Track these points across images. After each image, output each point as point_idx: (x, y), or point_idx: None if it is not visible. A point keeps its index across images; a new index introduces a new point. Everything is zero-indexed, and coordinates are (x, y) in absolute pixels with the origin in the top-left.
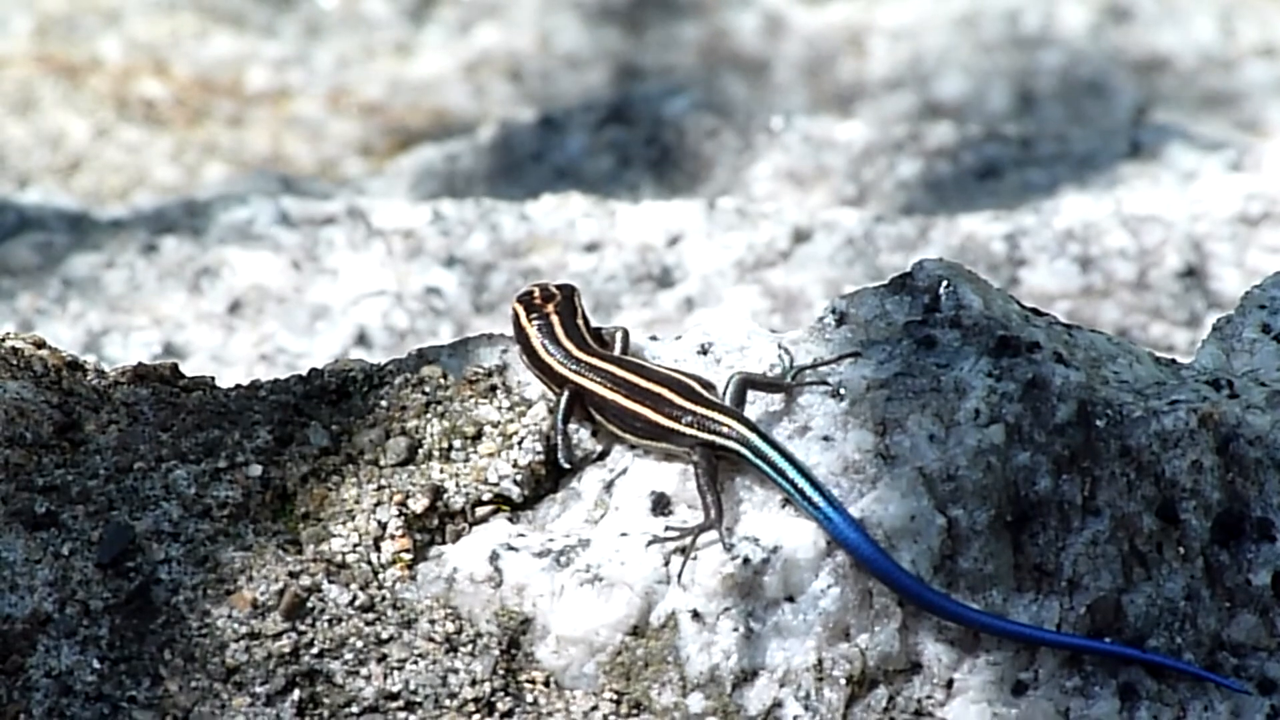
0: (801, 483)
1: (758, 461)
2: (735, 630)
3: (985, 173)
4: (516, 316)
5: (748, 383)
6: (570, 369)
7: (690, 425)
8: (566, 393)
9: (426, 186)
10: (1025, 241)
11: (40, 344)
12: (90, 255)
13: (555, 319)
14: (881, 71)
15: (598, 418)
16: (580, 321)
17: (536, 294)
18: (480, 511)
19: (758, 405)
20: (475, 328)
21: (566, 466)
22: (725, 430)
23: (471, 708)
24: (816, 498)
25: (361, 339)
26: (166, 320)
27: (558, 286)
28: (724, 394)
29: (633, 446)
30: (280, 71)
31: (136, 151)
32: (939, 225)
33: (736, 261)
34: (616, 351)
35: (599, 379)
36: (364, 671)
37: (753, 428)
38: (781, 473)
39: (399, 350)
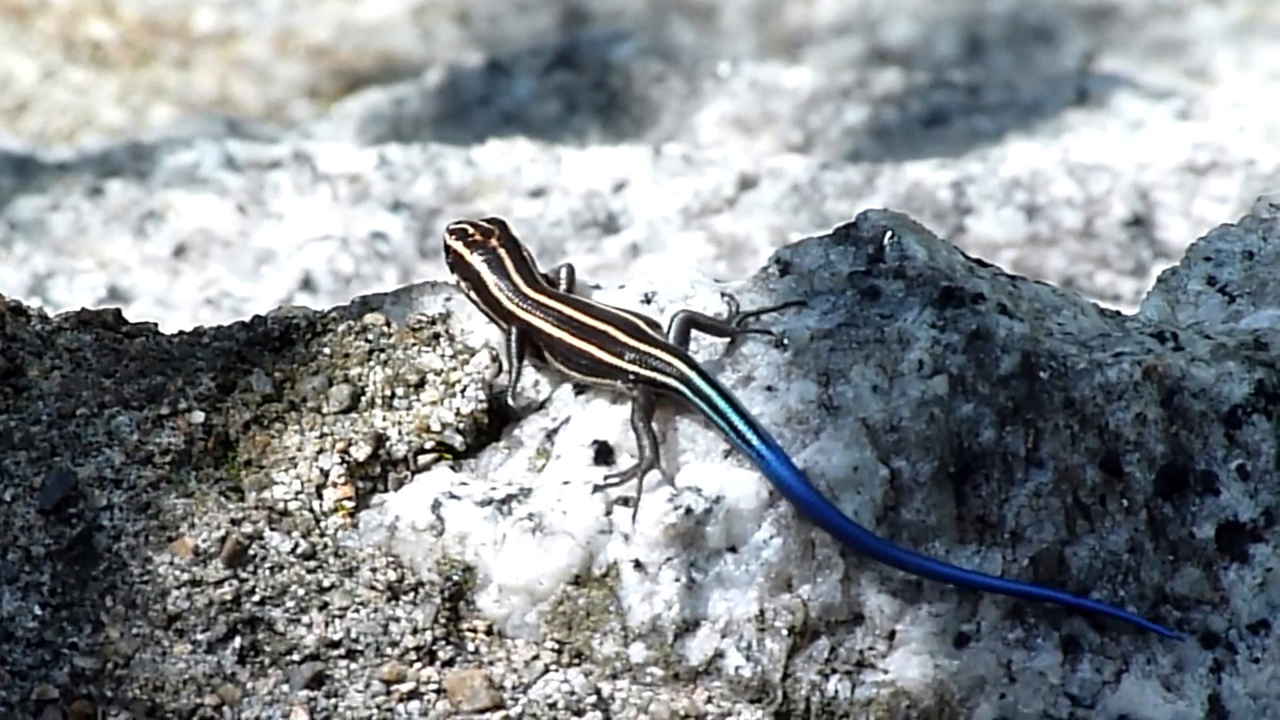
0: (739, 424)
1: (696, 400)
2: (677, 580)
3: (932, 120)
4: (458, 252)
5: (691, 322)
6: (520, 306)
7: (631, 362)
8: (515, 330)
9: (373, 130)
10: (972, 189)
11: None
12: (36, 198)
13: (503, 253)
14: (829, 17)
15: (547, 355)
16: (526, 257)
17: (472, 230)
18: (422, 460)
19: (701, 355)
20: (420, 273)
21: (513, 406)
22: (666, 368)
23: (413, 656)
24: (753, 439)
25: (307, 284)
26: (112, 264)
27: (489, 221)
28: (668, 332)
29: (577, 386)
30: (228, 13)
31: (83, 93)
32: (885, 173)
33: (682, 208)
34: (563, 289)
35: (548, 316)
36: (305, 619)
37: (694, 366)
38: (720, 413)
39: (344, 295)
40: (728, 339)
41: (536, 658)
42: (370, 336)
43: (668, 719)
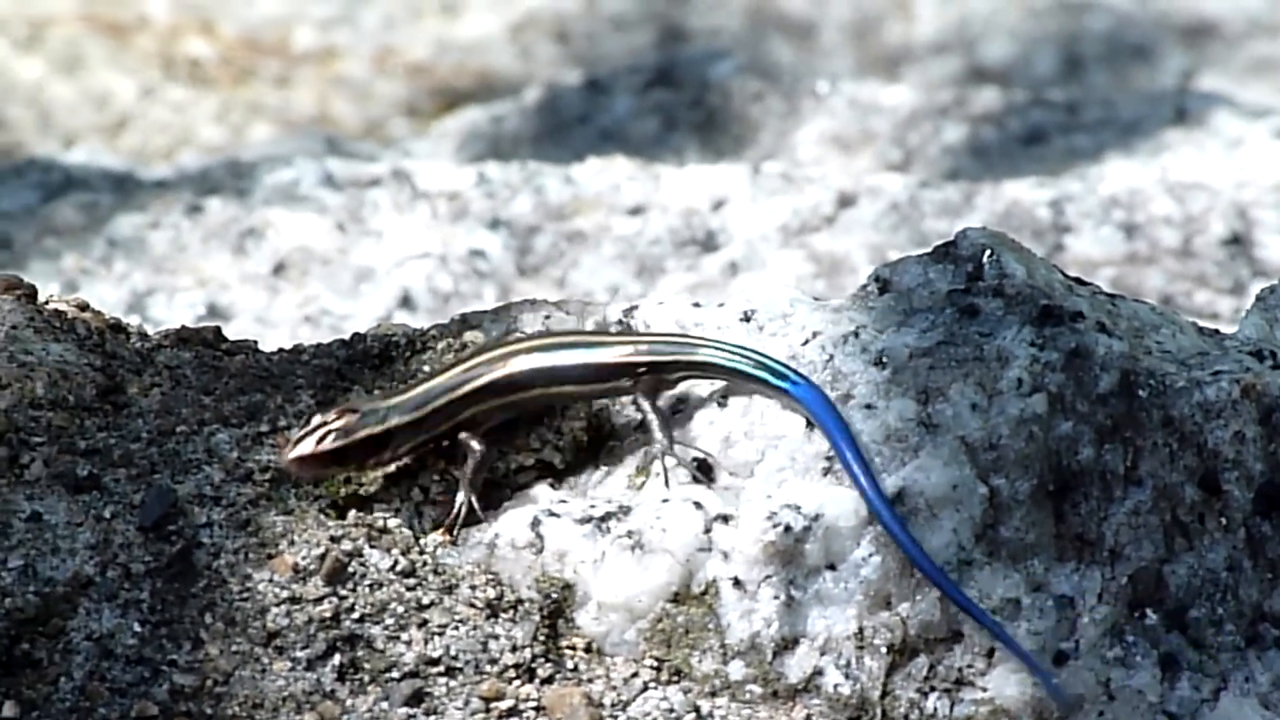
0: (771, 378)
1: (732, 364)
2: (776, 598)
3: (1031, 138)
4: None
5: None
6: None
7: (642, 352)
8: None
9: (472, 148)
10: (1070, 208)
11: (84, 306)
12: (135, 215)
13: (345, 415)
14: (928, 35)
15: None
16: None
17: (309, 429)
18: (522, 478)
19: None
20: (519, 291)
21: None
22: (683, 344)
23: (512, 673)
24: (797, 385)
25: (405, 301)
26: (211, 281)
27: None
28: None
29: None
30: (327, 31)
31: (182, 111)
32: (984, 191)
33: (781, 226)
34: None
35: (504, 361)
36: (405, 636)
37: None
38: (748, 373)
39: (443, 313)
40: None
41: (635, 675)
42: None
43: None
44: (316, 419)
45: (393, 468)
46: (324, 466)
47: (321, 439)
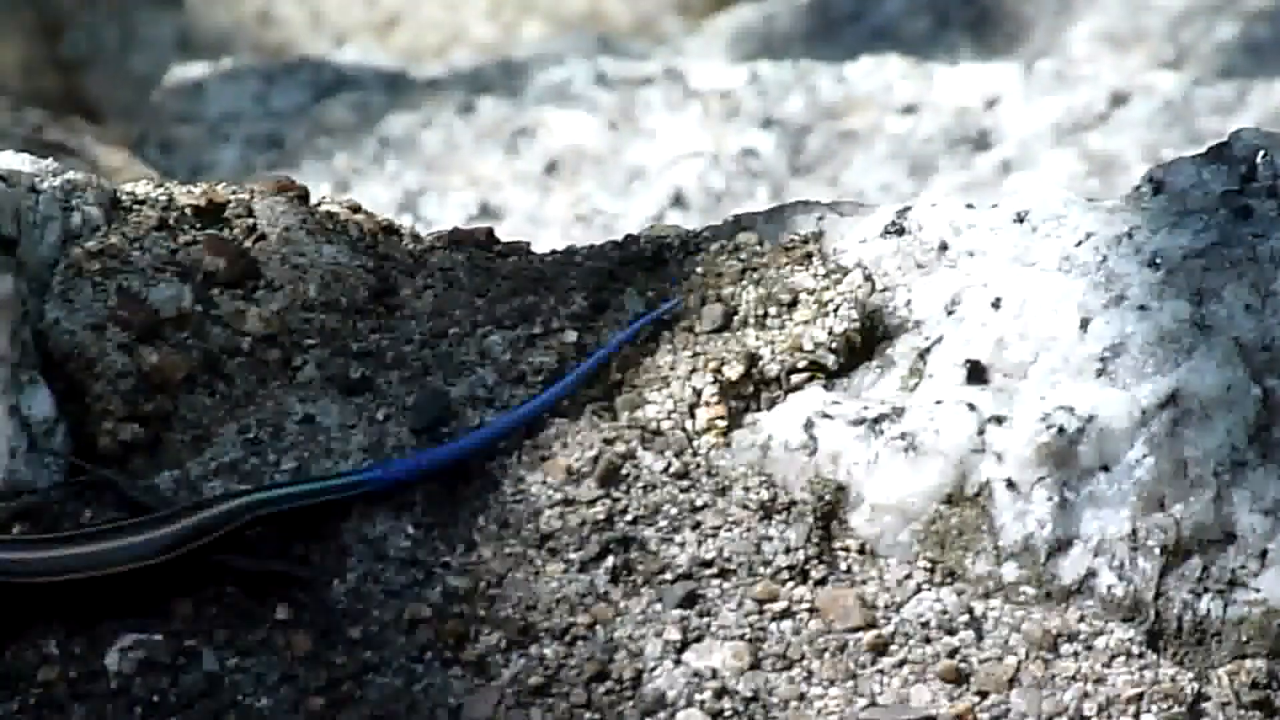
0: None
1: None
2: (1050, 500)
3: None
4: None
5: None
6: None
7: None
8: None
9: (743, 47)
10: None
11: (356, 208)
12: (407, 115)
13: None
14: None
15: None
16: None
17: None
18: (795, 379)
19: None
20: (792, 191)
21: None
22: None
23: (785, 575)
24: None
25: (678, 201)
26: (483, 181)
27: None
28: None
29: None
30: None
31: (454, 8)
32: (1257, 89)
33: (1054, 125)
34: None
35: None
36: (678, 539)
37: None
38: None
39: (715, 213)
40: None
41: (909, 577)
42: (743, 255)
43: (1040, 638)
44: None
45: None
46: None
47: None
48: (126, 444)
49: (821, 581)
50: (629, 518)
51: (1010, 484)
